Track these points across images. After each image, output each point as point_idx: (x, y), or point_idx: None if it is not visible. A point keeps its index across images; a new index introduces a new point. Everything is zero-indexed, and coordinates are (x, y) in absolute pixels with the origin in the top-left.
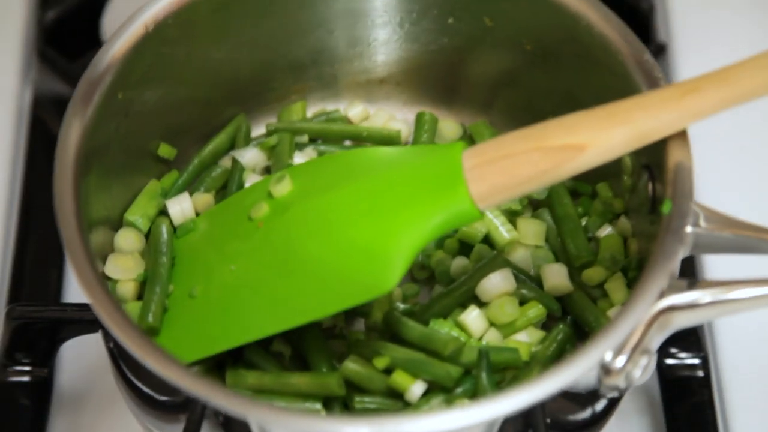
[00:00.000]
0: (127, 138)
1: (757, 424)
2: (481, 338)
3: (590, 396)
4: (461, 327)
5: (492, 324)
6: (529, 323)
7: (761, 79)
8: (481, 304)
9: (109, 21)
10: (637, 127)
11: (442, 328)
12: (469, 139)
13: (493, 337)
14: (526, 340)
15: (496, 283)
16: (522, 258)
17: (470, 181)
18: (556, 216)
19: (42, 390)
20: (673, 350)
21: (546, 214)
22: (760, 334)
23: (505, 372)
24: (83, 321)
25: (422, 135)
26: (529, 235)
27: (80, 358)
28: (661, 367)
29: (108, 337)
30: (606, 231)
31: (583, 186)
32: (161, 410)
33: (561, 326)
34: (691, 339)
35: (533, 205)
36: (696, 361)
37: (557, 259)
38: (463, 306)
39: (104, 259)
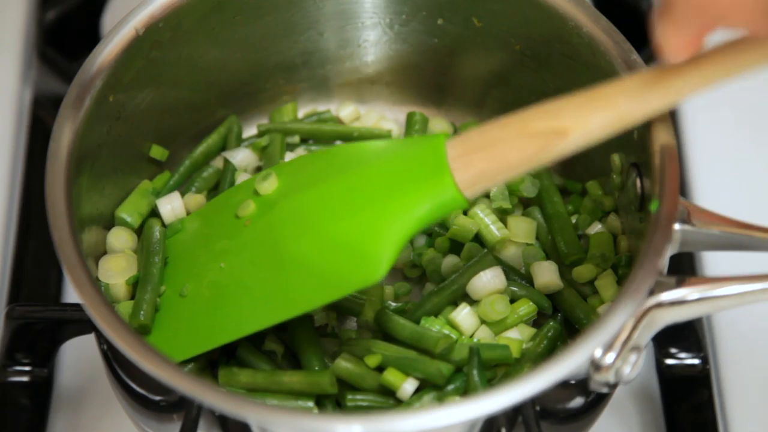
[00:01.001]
0: (119, 140)
1: (757, 424)
2: (472, 336)
3: (580, 387)
4: (452, 325)
5: (483, 321)
6: (519, 320)
7: (743, 58)
8: (472, 302)
9: (108, 21)
10: (618, 109)
11: (433, 326)
12: None
13: (484, 335)
14: (517, 337)
15: (487, 281)
16: (513, 256)
17: (455, 170)
18: (546, 214)
19: (42, 390)
20: (673, 350)
21: (536, 212)
22: (760, 334)
23: (497, 369)
24: (83, 321)
25: (412, 135)
26: (519, 233)
27: (80, 358)
28: (661, 367)
29: (101, 339)
30: (596, 228)
31: (573, 184)
32: (155, 411)
33: (551, 323)
34: (691, 339)
35: (523, 203)
36: (696, 361)
37: (548, 257)
38: (454, 304)
39: (97, 260)
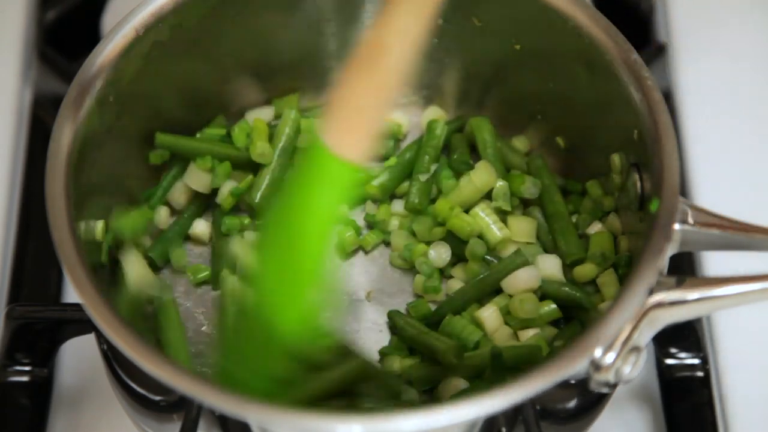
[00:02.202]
0: (119, 140)
1: (757, 424)
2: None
3: (580, 387)
4: (477, 323)
5: (508, 315)
6: (543, 322)
7: None
8: (499, 301)
9: (108, 21)
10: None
11: (454, 327)
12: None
13: (504, 334)
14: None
15: (527, 278)
16: None
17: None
18: (547, 214)
19: (42, 390)
20: (673, 350)
21: (537, 212)
22: (760, 334)
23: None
24: (83, 321)
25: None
26: (520, 233)
27: (80, 358)
28: (661, 367)
29: (101, 339)
30: (596, 228)
31: (573, 184)
32: (155, 411)
33: (574, 324)
34: (691, 339)
35: (524, 203)
36: (696, 361)
37: None
38: (479, 302)
39: (95, 261)
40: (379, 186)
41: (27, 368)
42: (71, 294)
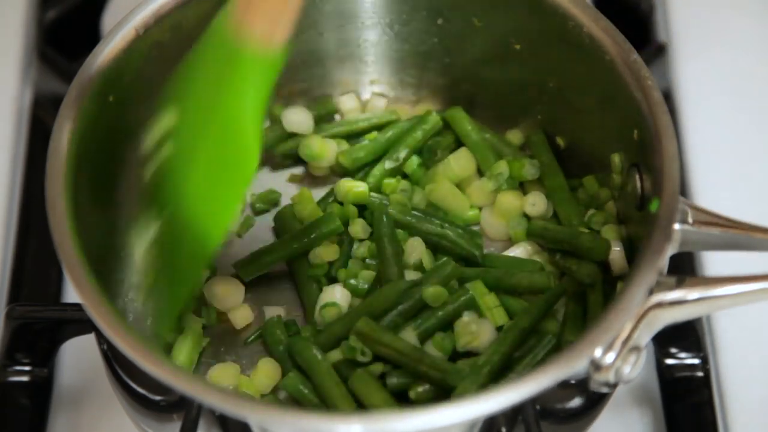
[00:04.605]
0: (119, 141)
1: (757, 424)
2: None
3: (580, 387)
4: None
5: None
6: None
7: None
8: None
9: (108, 21)
10: None
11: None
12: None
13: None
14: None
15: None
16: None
17: (248, 29)
18: (547, 189)
19: (42, 390)
20: (673, 350)
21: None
22: (760, 334)
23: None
24: (83, 321)
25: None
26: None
27: (80, 358)
28: (661, 367)
29: (101, 339)
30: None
31: (570, 181)
32: (155, 411)
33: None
34: (691, 339)
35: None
36: (696, 361)
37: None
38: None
39: (97, 260)
40: (352, 159)
41: (27, 368)
42: (71, 294)
